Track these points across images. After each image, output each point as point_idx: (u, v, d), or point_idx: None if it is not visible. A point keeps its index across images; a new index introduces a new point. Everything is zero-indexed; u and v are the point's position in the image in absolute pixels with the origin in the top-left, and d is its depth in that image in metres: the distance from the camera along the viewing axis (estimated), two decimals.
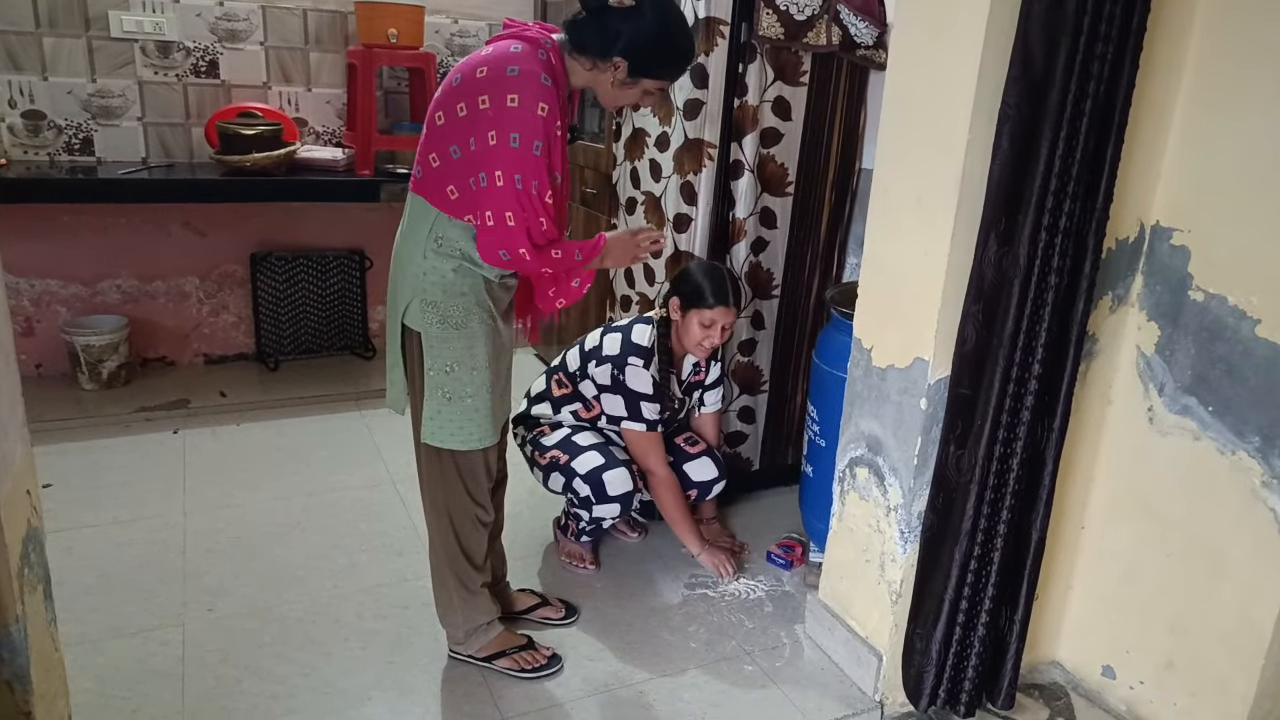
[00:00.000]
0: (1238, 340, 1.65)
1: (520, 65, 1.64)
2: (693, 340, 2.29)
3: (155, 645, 2.05)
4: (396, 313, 1.82)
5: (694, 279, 2.28)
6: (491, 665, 2.02)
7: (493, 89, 1.64)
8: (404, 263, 1.80)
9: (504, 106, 1.63)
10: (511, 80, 1.63)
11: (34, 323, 3.41)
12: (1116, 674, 1.97)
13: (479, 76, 1.66)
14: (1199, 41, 1.67)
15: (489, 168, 1.65)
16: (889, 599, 1.95)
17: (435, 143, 1.72)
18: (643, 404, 2.29)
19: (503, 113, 1.63)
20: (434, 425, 1.82)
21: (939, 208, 1.70)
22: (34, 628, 1.15)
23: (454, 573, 1.96)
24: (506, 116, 1.63)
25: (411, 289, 1.78)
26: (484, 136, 1.64)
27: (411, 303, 1.78)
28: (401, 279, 1.81)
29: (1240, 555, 1.69)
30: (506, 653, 2.03)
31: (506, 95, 1.62)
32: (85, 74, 3.26)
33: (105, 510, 2.60)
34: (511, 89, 1.63)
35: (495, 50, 1.70)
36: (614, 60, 1.72)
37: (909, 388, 1.83)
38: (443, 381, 1.80)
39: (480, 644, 2.02)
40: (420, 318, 1.78)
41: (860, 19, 2.51)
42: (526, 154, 1.63)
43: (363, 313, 3.89)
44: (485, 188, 1.66)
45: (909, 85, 1.77)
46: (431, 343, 1.78)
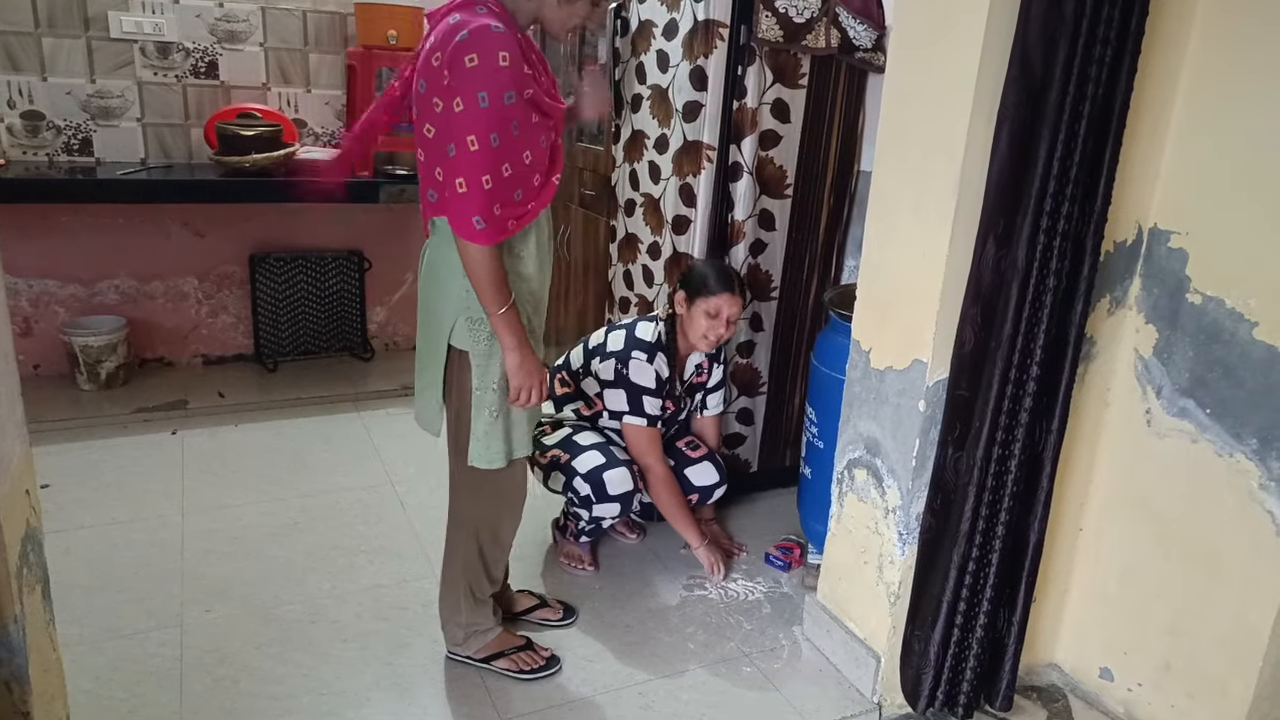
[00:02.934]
0: (1235, 343, 1.65)
1: (467, 28, 1.55)
2: (698, 332, 2.29)
3: (153, 646, 2.05)
4: (440, 335, 1.77)
5: (697, 270, 2.31)
6: (490, 666, 2.02)
7: (450, 63, 1.55)
8: (442, 283, 1.75)
9: (463, 69, 1.53)
10: (463, 44, 1.53)
11: (32, 323, 3.41)
12: (1114, 676, 1.97)
13: (435, 64, 1.57)
14: (1197, 44, 1.67)
15: (459, 135, 1.55)
16: (887, 600, 1.95)
17: (434, 157, 1.66)
18: (645, 398, 2.29)
19: (463, 76, 1.53)
20: (481, 446, 1.79)
21: (937, 210, 1.71)
22: (32, 628, 1.15)
23: (467, 581, 1.96)
24: (468, 78, 1.53)
25: (455, 308, 1.73)
26: (450, 108, 1.55)
27: (457, 322, 1.74)
28: (441, 300, 1.76)
29: (1238, 557, 1.69)
30: (505, 653, 2.03)
31: (464, 58, 1.53)
32: (84, 74, 3.26)
33: (103, 511, 2.60)
34: (466, 50, 1.53)
35: (437, 35, 1.61)
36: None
37: (907, 389, 1.83)
38: (491, 400, 1.76)
39: (479, 645, 2.02)
40: (468, 337, 1.74)
41: (859, 21, 2.51)
42: (494, 110, 1.55)
43: (361, 314, 3.89)
44: (455, 157, 1.56)
45: (907, 87, 1.77)
46: (480, 360, 1.75)
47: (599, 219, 3.10)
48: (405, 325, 4.08)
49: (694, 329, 2.30)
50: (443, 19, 1.64)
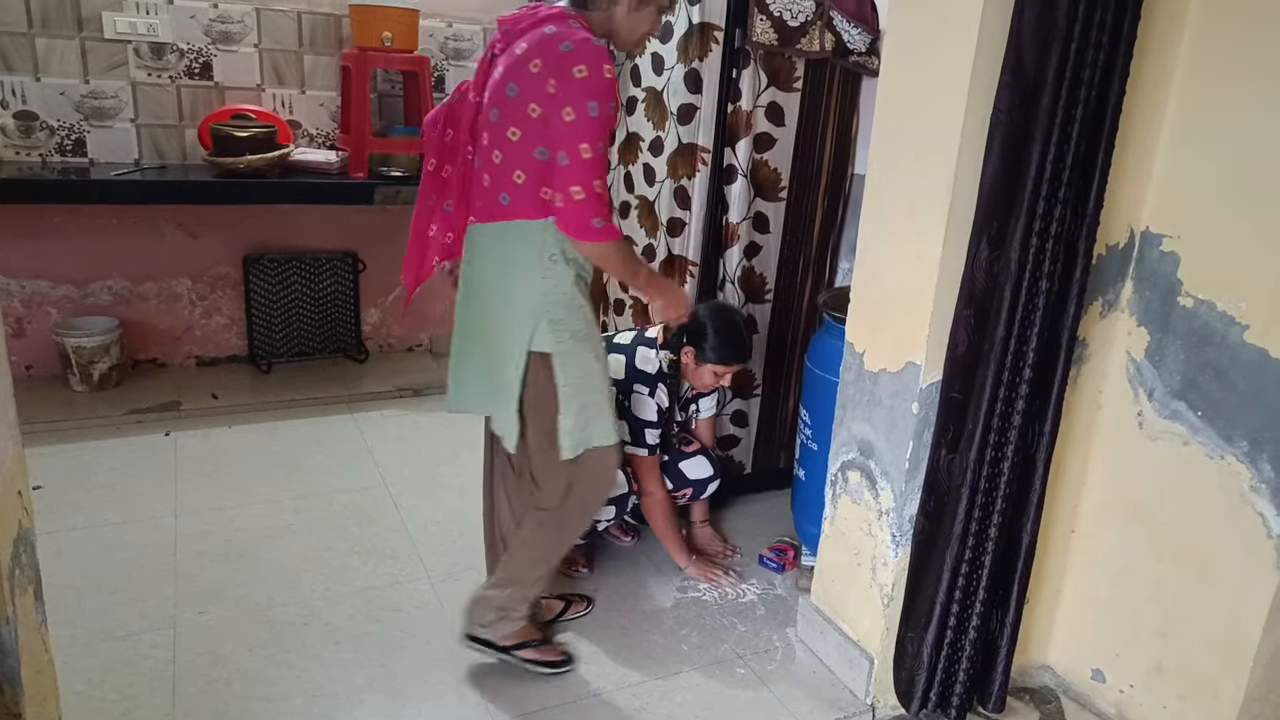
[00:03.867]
0: (1226, 345, 1.66)
1: (570, 39, 1.62)
2: (702, 383, 2.35)
3: (146, 648, 2.05)
4: (519, 342, 1.78)
5: (710, 337, 2.26)
6: (511, 656, 2.02)
7: (557, 73, 1.60)
8: (513, 292, 1.77)
9: (573, 80, 1.59)
10: (570, 55, 1.60)
11: (25, 324, 3.40)
12: (1106, 677, 1.98)
13: (533, 71, 1.63)
14: (1189, 49, 1.68)
15: (572, 144, 1.61)
16: (880, 602, 1.95)
17: (517, 160, 1.68)
18: (646, 430, 2.29)
19: (573, 87, 1.59)
20: (576, 433, 1.81)
21: (931, 212, 1.71)
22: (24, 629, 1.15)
23: (540, 576, 1.98)
24: (578, 88, 1.59)
25: (534, 313, 1.75)
26: (559, 117, 1.60)
27: (539, 326, 1.76)
28: (513, 308, 1.78)
29: (1228, 559, 1.70)
30: (530, 644, 2.04)
31: (573, 69, 1.59)
32: (78, 75, 3.25)
33: (96, 512, 2.59)
34: (575, 62, 1.59)
35: (531, 43, 1.66)
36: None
37: (901, 391, 1.83)
38: (578, 392, 1.80)
39: (505, 631, 2.01)
40: (551, 338, 1.76)
41: (853, 25, 2.52)
42: (603, 118, 1.62)
43: (355, 315, 3.88)
44: (569, 165, 1.62)
45: (901, 91, 1.78)
46: (564, 359, 1.78)
47: None
48: (399, 327, 4.07)
49: (697, 380, 2.33)
50: (531, 28, 1.69)
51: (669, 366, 2.33)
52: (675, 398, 2.39)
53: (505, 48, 1.74)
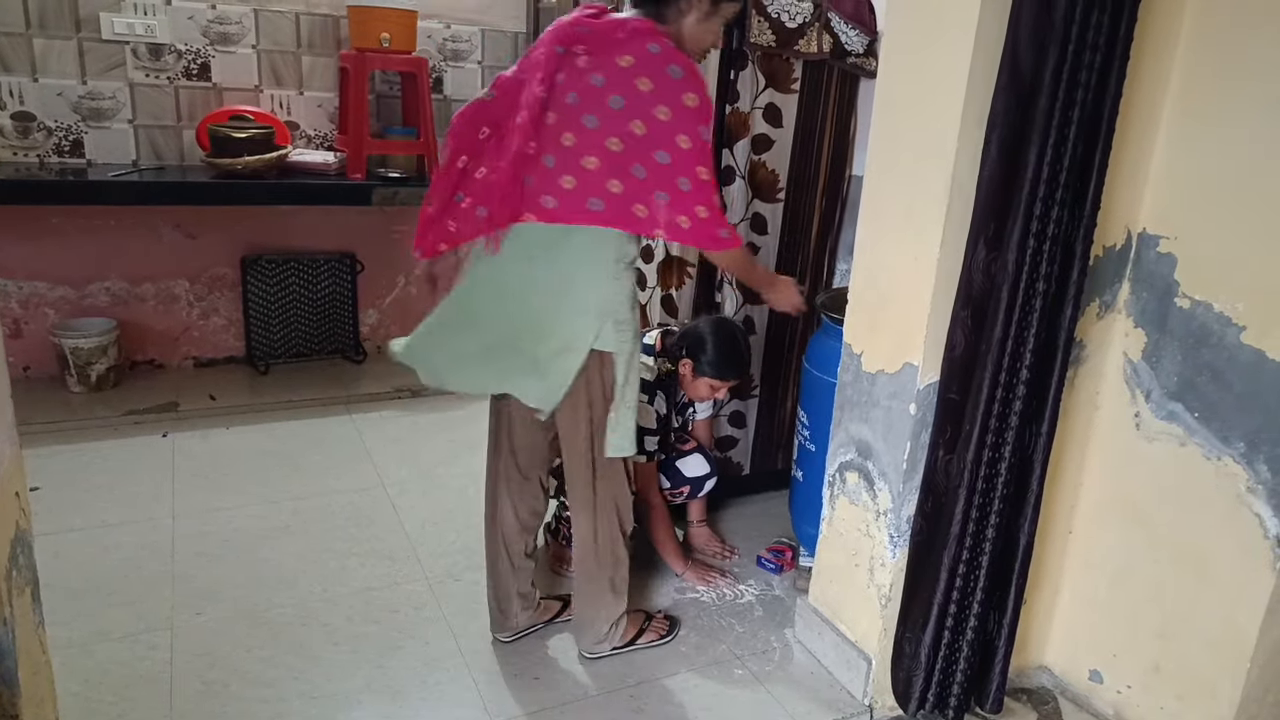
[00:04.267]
0: (1223, 346, 1.66)
1: (677, 64, 1.67)
2: (698, 395, 2.37)
3: (143, 649, 2.04)
4: (582, 340, 1.81)
5: (709, 352, 2.27)
6: (635, 646, 2.14)
7: (668, 99, 1.66)
8: (580, 293, 1.80)
9: (685, 109, 1.66)
10: (680, 82, 1.66)
11: (22, 325, 3.40)
12: (1104, 678, 1.98)
13: (643, 90, 1.66)
14: (1185, 51, 1.69)
15: (689, 169, 1.68)
16: (878, 603, 1.96)
17: (615, 170, 1.70)
18: (645, 438, 2.28)
19: (686, 115, 1.67)
20: (618, 436, 1.87)
21: (929, 214, 1.72)
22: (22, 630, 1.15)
23: (616, 571, 2.03)
24: (690, 116, 1.67)
25: (600, 313, 1.80)
26: (673, 144, 1.67)
27: (604, 327, 1.81)
28: (577, 311, 1.81)
29: (1226, 560, 1.70)
30: (643, 629, 2.16)
31: (683, 96, 1.66)
32: (76, 76, 3.25)
33: (93, 513, 2.59)
34: (685, 89, 1.66)
35: (638, 59, 1.67)
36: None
37: (898, 393, 1.84)
38: (628, 393, 1.86)
39: (621, 631, 2.10)
40: (615, 338, 1.82)
41: (851, 27, 2.52)
42: (709, 140, 1.71)
43: (353, 316, 3.88)
44: (691, 189, 1.69)
45: (899, 93, 1.78)
46: (626, 358, 1.84)
47: None
48: (398, 328, 4.06)
49: (693, 391, 2.35)
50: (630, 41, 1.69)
51: (666, 375, 2.33)
52: (672, 405, 2.39)
53: (595, 50, 1.71)
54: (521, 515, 2.07)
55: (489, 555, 2.12)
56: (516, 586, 2.11)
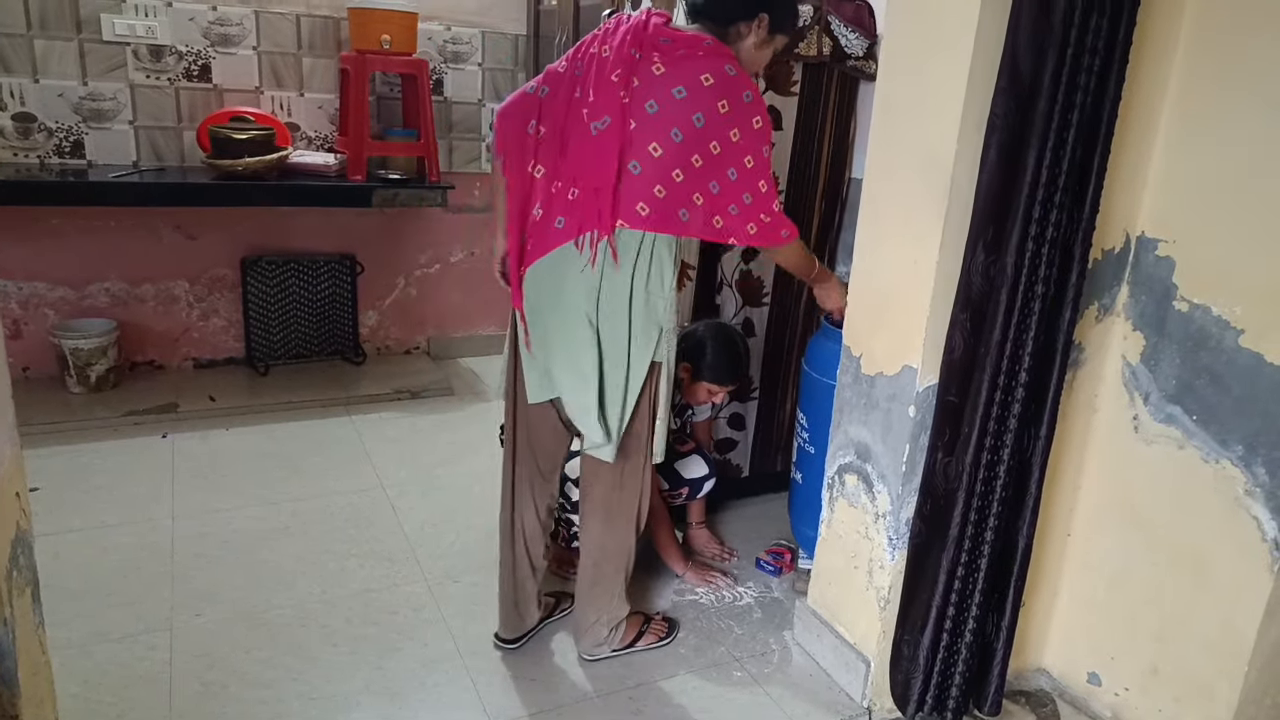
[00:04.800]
0: (1221, 350, 1.67)
1: (749, 89, 1.74)
2: (696, 399, 2.38)
3: (142, 650, 2.04)
4: (644, 356, 1.84)
5: (709, 356, 2.29)
6: (635, 648, 2.14)
7: (741, 122, 1.73)
8: (645, 303, 1.81)
9: (753, 131, 1.75)
10: (749, 106, 1.73)
11: (22, 325, 3.40)
12: (1102, 680, 1.98)
13: (722, 112, 1.70)
14: (1184, 55, 1.69)
15: (753, 184, 1.78)
16: (877, 605, 1.96)
17: (698, 184, 1.75)
18: None
19: (753, 137, 1.75)
20: (660, 443, 1.94)
21: (928, 217, 1.72)
22: (22, 631, 1.15)
23: (624, 574, 2.06)
24: (757, 138, 1.75)
25: (660, 324, 1.83)
26: (741, 163, 1.75)
27: (660, 336, 1.84)
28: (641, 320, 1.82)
29: (1224, 563, 1.70)
30: (642, 632, 2.17)
31: (752, 120, 1.74)
32: (77, 77, 3.25)
33: (92, 514, 2.59)
34: (754, 113, 1.74)
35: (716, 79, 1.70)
36: (759, 18, 1.81)
37: (897, 395, 1.84)
38: (669, 399, 1.92)
39: (621, 634, 2.11)
40: (667, 348, 1.87)
41: (851, 30, 2.53)
42: (770, 159, 1.81)
43: (353, 318, 3.89)
44: (754, 201, 1.78)
45: (898, 96, 1.79)
46: (670, 366, 1.89)
47: None
48: (397, 329, 4.07)
49: (691, 395, 2.36)
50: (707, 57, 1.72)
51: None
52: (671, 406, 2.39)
53: (674, 62, 1.71)
54: (542, 515, 2.09)
55: (508, 559, 2.09)
56: (535, 587, 2.12)
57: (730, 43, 1.80)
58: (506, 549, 2.09)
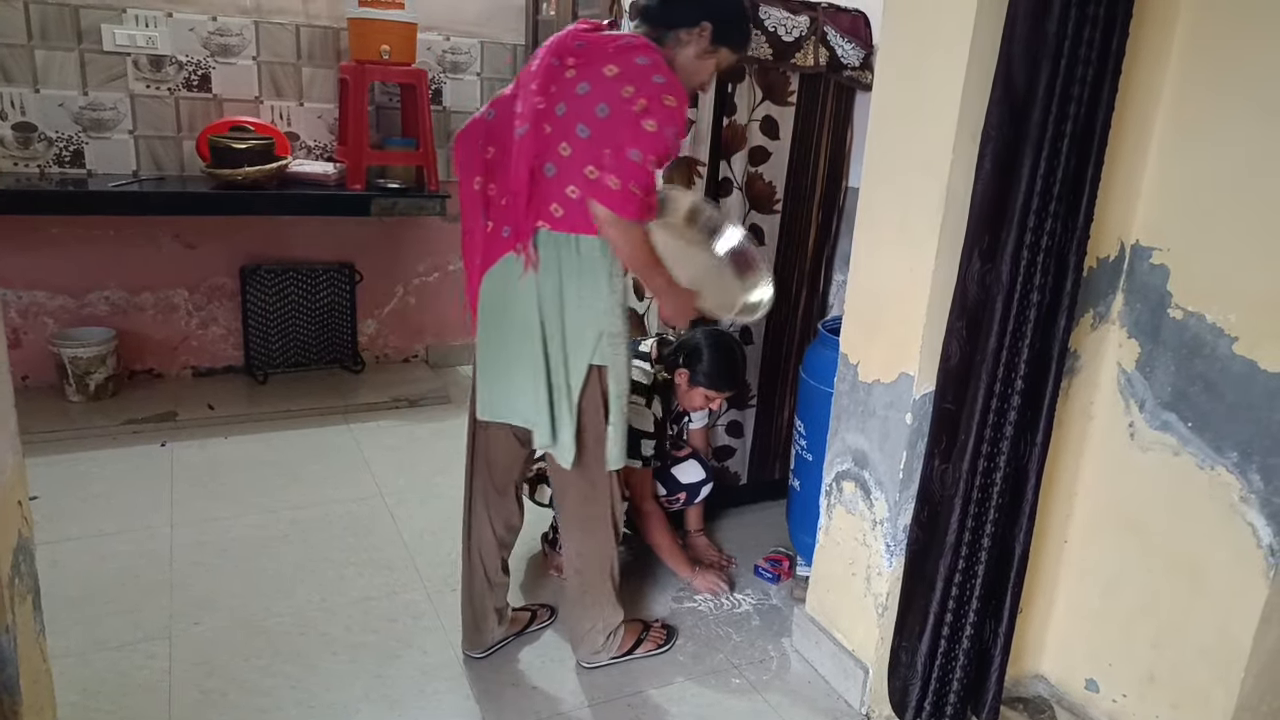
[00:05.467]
0: (1216, 357, 1.68)
1: (664, 74, 1.70)
2: (692, 405, 2.40)
3: (141, 658, 2.04)
4: (580, 358, 1.82)
5: (706, 362, 2.30)
6: (633, 656, 2.13)
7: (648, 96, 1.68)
8: (583, 303, 1.80)
9: (663, 108, 1.69)
10: (660, 86, 1.69)
11: (21, 334, 3.40)
12: (1100, 687, 1.98)
13: (625, 96, 1.68)
14: (1177, 65, 1.71)
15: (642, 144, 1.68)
16: (875, 612, 1.96)
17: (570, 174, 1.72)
18: (641, 441, 2.29)
19: (664, 113, 1.69)
20: (617, 450, 1.89)
21: (923, 226, 1.73)
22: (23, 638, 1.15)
23: (612, 582, 2.05)
24: (667, 115, 1.69)
25: (597, 326, 1.81)
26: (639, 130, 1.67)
27: (600, 340, 1.81)
28: (575, 323, 1.81)
29: (1219, 569, 1.71)
30: (641, 639, 2.16)
31: (661, 97, 1.68)
32: (77, 87, 3.27)
33: (91, 522, 2.59)
34: (665, 92, 1.69)
35: (623, 69, 1.70)
36: (700, 26, 1.78)
37: (894, 402, 1.85)
38: (623, 405, 1.87)
39: (618, 640, 2.10)
40: (610, 351, 1.83)
41: (847, 40, 2.55)
42: (675, 146, 1.75)
43: (352, 327, 3.89)
44: (628, 168, 1.68)
45: (894, 105, 1.80)
46: (618, 370, 1.85)
47: None
48: (395, 338, 4.08)
49: (687, 401, 2.38)
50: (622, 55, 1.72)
51: (662, 382, 2.35)
52: (669, 410, 2.40)
53: (585, 62, 1.74)
54: (499, 531, 2.07)
55: (465, 573, 2.10)
56: (493, 603, 2.10)
57: (669, 48, 1.78)
58: (464, 563, 2.10)
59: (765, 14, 2.41)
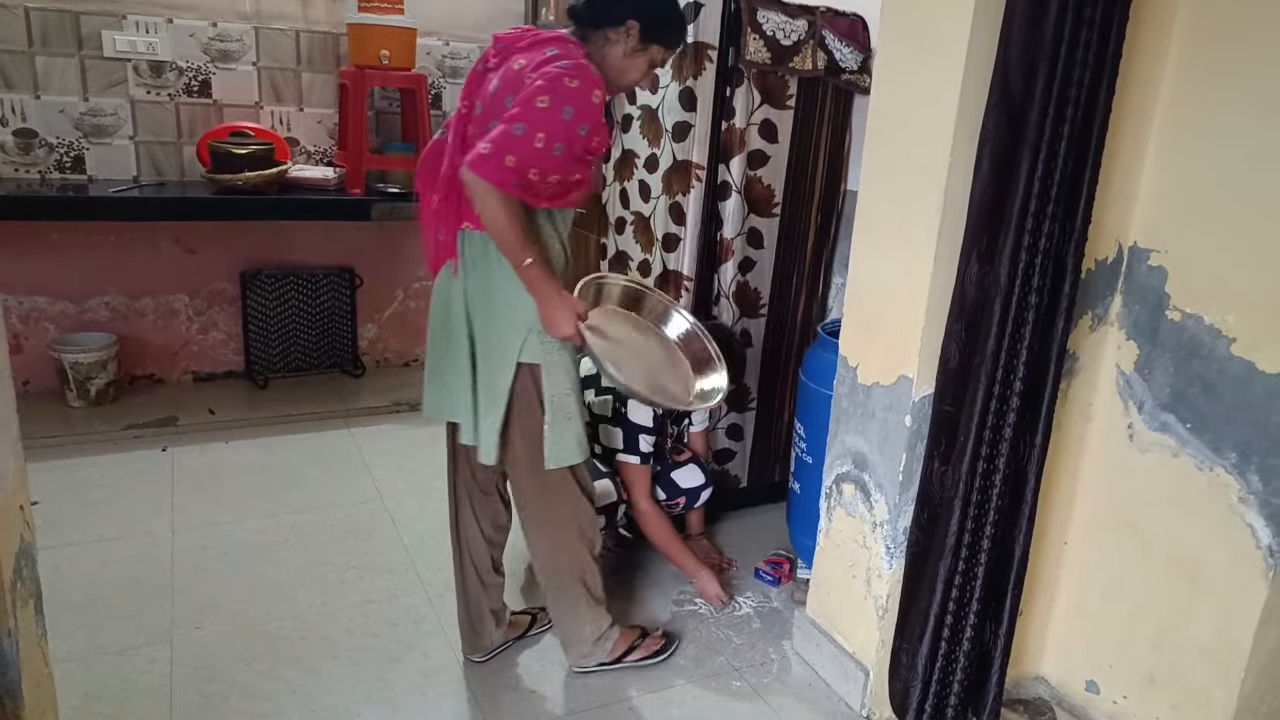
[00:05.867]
0: (1214, 359, 1.68)
1: (569, 59, 1.69)
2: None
3: (142, 663, 2.05)
4: (509, 354, 1.81)
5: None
6: (624, 663, 2.10)
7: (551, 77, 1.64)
8: (506, 304, 1.78)
9: (563, 87, 1.65)
10: (565, 71, 1.66)
11: (22, 340, 3.41)
12: (1100, 688, 1.99)
13: (529, 81, 1.66)
14: (1174, 65, 1.71)
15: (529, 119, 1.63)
16: (875, 614, 1.97)
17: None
18: (640, 436, 2.29)
19: (561, 92, 1.64)
20: (558, 448, 1.86)
21: (921, 228, 1.74)
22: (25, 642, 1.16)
23: (586, 586, 2.01)
24: (564, 94, 1.64)
25: (524, 324, 1.79)
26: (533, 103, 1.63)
27: (528, 338, 1.80)
28: (500, 321, 1.80)
29: (1219, 570, 1.71)
30: (635, 645, 2.12)
31: (564, 79, 1.65)
32: (77, 93, 3.28)
33: (92, 527, 2.59)
34: (570, 76, 1.66)
35: (530, 60, 1.71)
36: (627, 24, 1.76)
37: (894, 405, 1.85)
38: (564, 404, 1.85)
39: (609, 646, 2.08)
40: (540, 349, 1.81)
41: (845, 44, 2.56)
42: (570, 127, 1.66)
43: (352, 331, 3.90)
44: (521, 136, 1.63)
45: (892, 109, 1.81)
46: (551, 370, 1.83)
47: (589, 236, 3.13)
48: (396, 341, 4.09)
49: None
50: (532, 47, 1.73)
51: None
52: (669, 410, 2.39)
53: (500, 63, 1.78)
54: (486, 530, 2.06)
55: (458, 575, 2.10)
56: (488, 604, 2.09)
57: (598, 48, 1.78)
58: (456, 566, 2.09)
59: (763, 18, 2.42)
